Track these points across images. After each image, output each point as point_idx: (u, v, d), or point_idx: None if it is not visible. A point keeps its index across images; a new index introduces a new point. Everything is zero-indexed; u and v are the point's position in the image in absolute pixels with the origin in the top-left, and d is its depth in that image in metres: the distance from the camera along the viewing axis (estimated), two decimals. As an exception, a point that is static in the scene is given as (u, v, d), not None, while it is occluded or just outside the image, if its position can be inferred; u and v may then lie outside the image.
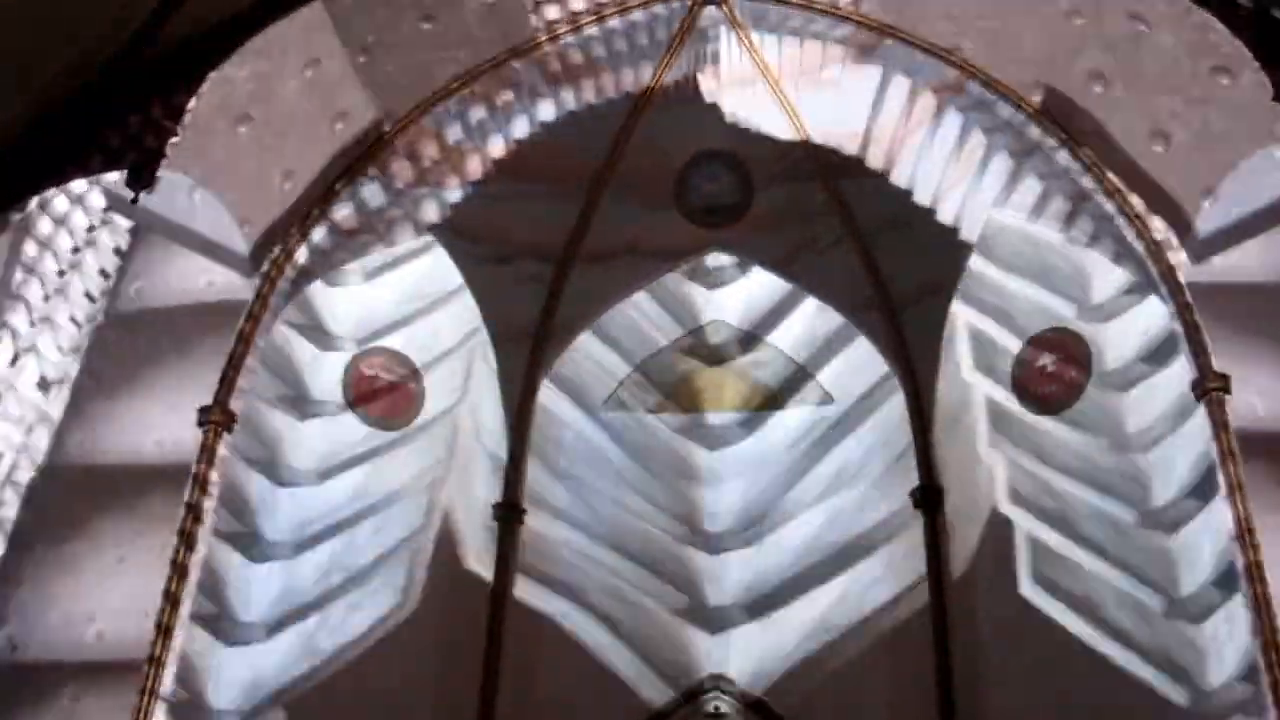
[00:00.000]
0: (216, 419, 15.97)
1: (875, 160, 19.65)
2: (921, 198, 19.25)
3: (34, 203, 16.69)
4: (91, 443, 16.26)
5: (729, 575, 19.19)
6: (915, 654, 17.38)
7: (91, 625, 14.64)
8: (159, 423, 16.17)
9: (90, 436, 16.31)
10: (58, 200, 17.30)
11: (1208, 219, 15.94)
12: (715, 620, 18.66)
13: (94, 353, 17.11)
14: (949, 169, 18.82)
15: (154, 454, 15.99)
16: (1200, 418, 15.40)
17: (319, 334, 18.96)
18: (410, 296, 19.67)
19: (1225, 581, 14.59)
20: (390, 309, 19.60)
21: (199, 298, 17.23)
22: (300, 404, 18.56)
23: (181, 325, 17.00)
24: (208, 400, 15.96)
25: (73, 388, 16.83)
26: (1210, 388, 15.33)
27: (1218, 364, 15.32)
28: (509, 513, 18.61)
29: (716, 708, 17.95)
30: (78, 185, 17.02)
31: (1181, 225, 16.17)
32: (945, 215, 19.05)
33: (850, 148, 19.82)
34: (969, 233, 18.80)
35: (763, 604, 18.78)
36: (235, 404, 16.24)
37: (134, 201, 15.57)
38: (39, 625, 14.69)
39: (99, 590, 14.88)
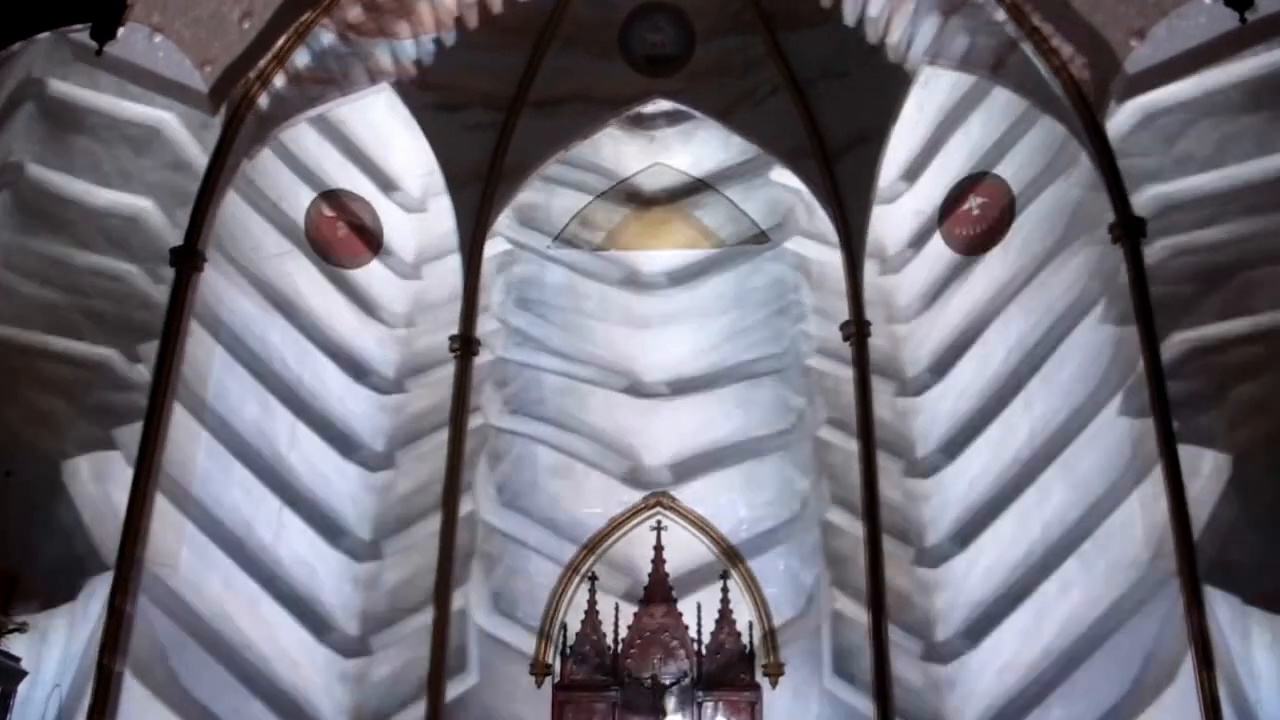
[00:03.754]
0: (189, 262, 16.26)
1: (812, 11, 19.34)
2: (860, 47, 19.01)
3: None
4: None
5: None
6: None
7: None
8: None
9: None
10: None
11: (1136, 60, 16.03)
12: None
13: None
14: (884, 21, 18.58)
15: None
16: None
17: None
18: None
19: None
20: (348, 153, 19.58)
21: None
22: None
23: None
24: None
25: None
26: (1123, 230, 15.70)
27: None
28: (464, 345, 18.66)
29: (659, 521, 18.34)
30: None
31: (1109, 65, 16.21)
32: (880, 65, 18.82)
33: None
34: (903, 83, 18.66)
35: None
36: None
37: (99, 53, 15.31)
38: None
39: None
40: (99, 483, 15.06)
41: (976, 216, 18.48)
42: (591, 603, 17.82)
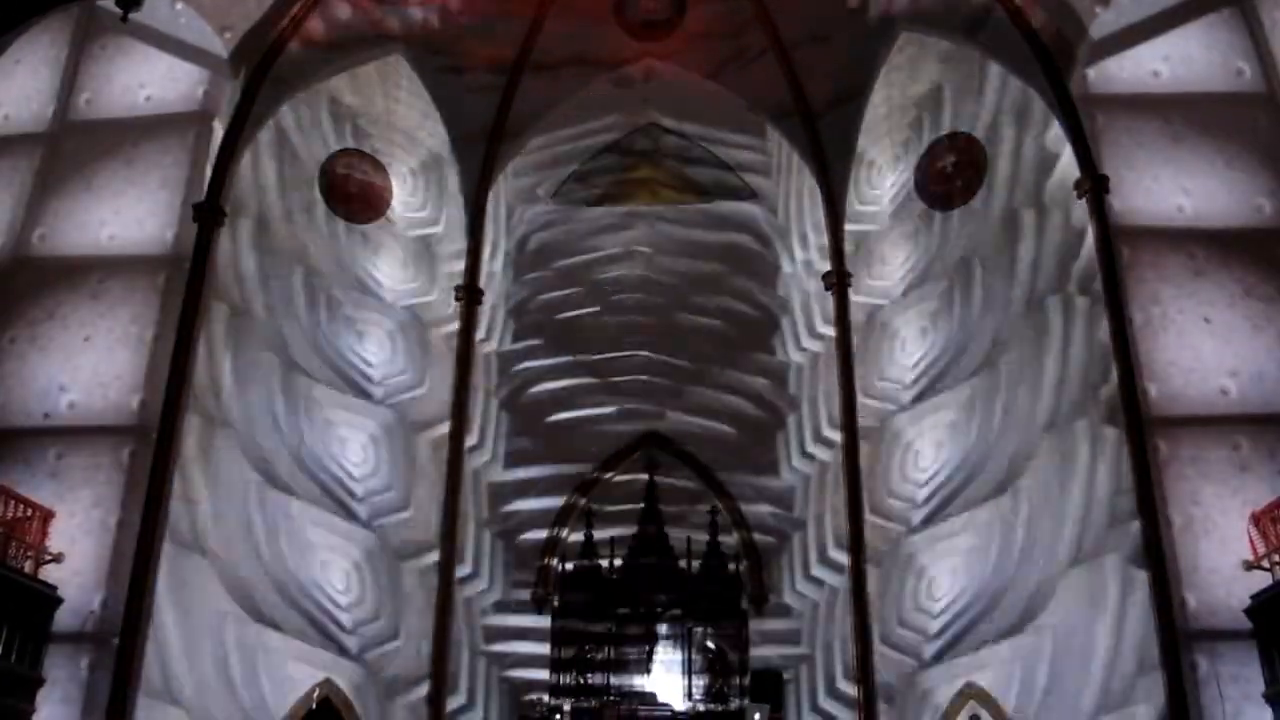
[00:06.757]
0: (210, 215, 16.53)
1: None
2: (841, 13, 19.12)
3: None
4: (52, 237, 16.78)
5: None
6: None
7: (64, 395, 15.46)
8: (110, 219, 16.73)
9: (50, 232, 16.83)
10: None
11: (1101, 26, 16.33)
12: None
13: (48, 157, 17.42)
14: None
15: (109, 246, 16.57)
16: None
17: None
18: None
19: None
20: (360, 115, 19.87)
21: (140, 110, 17.49)
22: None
23: (126, 133, 17.32)
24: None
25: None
26: (1090, 187, 15.98)
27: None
28: (469, 294, 19.20)
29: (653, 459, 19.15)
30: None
31: (1076, 30, 16.51)
32: (861, 30, 19.02)
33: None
34: (883, 47, 18.97)
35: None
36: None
37: (124, 20, 15.37)
38: (17, 397, 15.52)
39: (69, 365, 15.64)
40: None
41: (950, 175, 18.88)
42: (588, 535, 18.56)
